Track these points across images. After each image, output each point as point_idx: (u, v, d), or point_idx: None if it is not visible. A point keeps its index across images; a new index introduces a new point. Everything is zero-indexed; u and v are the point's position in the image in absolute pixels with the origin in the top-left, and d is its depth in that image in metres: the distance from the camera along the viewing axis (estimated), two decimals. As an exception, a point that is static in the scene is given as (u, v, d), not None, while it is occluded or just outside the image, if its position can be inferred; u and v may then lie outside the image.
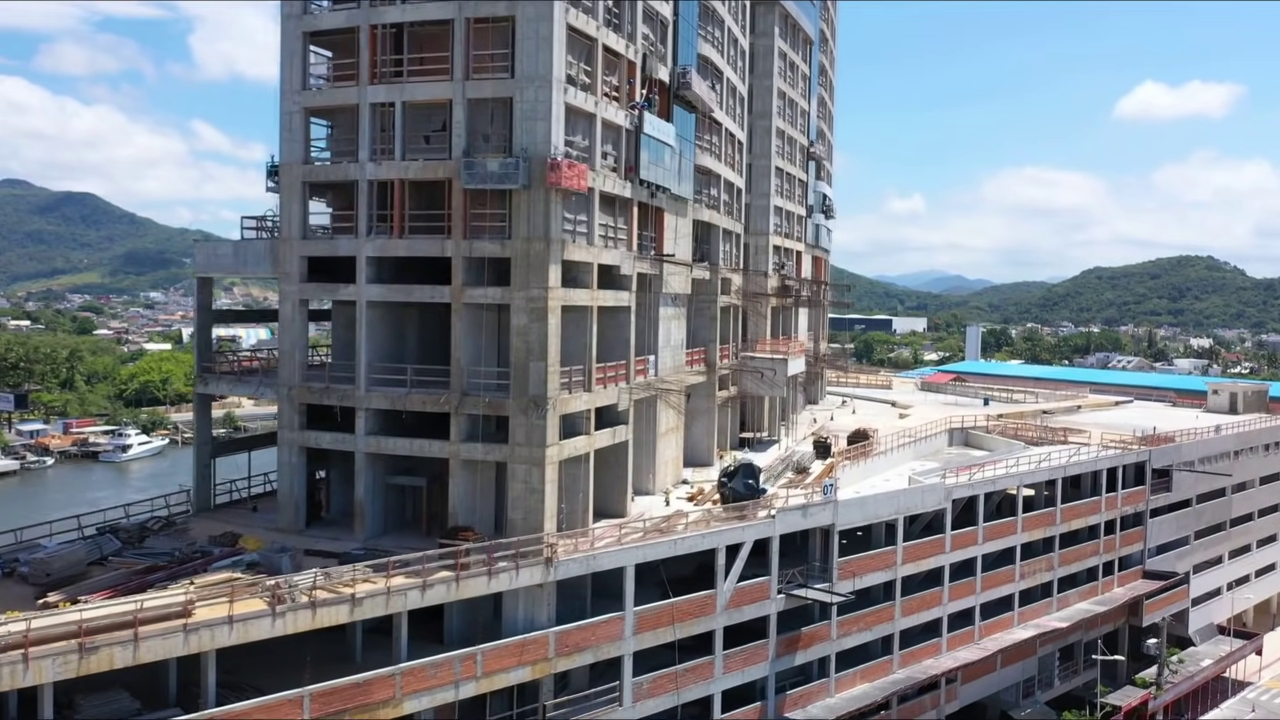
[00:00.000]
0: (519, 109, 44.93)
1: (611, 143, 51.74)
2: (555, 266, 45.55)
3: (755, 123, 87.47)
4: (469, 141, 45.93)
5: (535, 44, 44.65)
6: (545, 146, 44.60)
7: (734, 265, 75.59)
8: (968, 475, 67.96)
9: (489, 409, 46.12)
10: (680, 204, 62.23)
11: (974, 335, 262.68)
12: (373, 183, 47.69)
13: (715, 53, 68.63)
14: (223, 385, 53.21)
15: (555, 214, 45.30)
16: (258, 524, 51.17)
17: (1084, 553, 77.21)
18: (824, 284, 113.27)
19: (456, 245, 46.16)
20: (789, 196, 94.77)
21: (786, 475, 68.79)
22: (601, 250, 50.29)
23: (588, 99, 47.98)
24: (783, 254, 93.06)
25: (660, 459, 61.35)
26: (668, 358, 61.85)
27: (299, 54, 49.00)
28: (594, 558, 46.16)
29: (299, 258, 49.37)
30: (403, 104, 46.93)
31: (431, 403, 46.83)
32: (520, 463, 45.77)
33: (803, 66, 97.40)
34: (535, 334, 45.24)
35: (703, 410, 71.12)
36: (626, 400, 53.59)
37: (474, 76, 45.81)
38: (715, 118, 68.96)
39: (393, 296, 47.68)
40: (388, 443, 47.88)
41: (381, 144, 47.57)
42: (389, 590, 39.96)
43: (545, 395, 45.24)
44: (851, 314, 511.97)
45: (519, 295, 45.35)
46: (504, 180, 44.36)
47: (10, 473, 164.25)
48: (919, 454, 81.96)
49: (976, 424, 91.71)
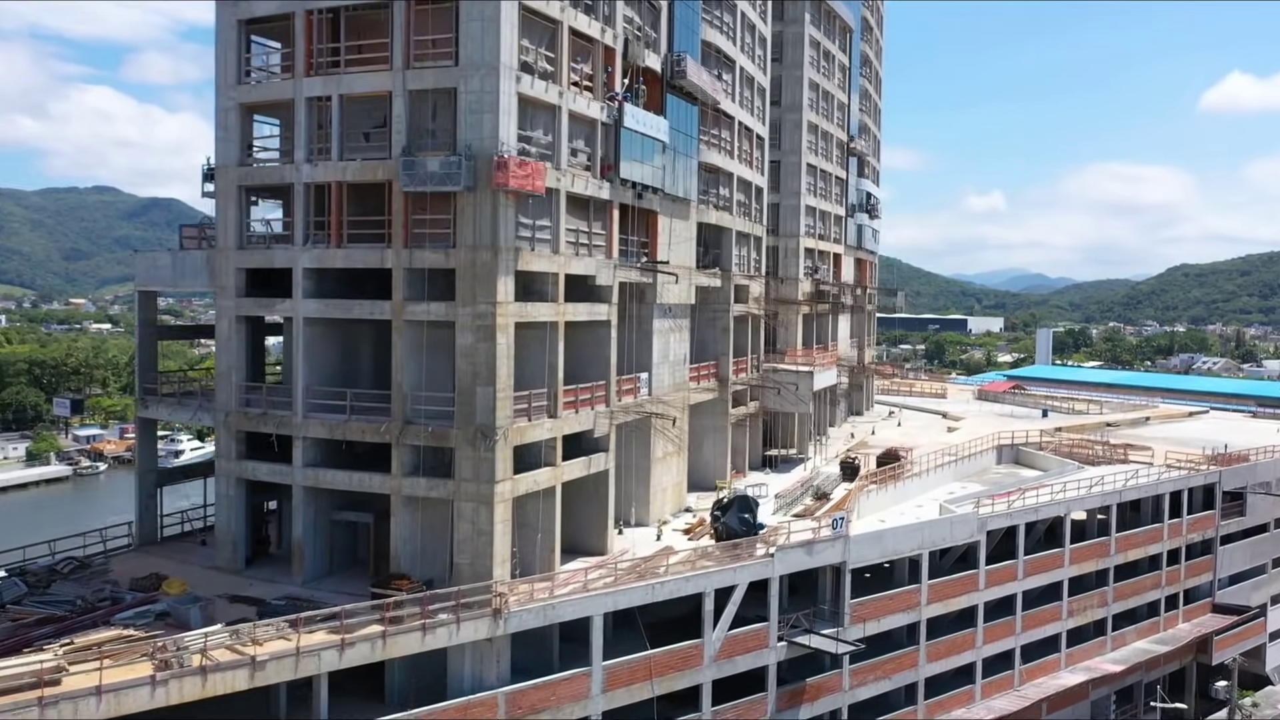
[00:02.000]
0: (463, 101, 39.72)
1: (583, 138, 46.29)
2: (506, 278, 40.24)
3: (784, 116, 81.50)
4: (410, 138, 40.85)
5: (481, 27, 39.38)
6: (492, 143, 39.31)
7: (750, 271, 69.58)
8: (1005, 503, 61.21)
9: (432, 439, 40.98)
10: (678, 205, 56.53)
11: (1044, 338, 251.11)
12: (309, 185, 42.88)
13: (725, 40, 62.76)
14: (162, 409, 48.81)
15: (505, 219, 39.99)
16: (198, 561, 46.71)
17: (1143, 585, 69.87)
18: (868, 288, 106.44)
19: (397, 255, 41.10)
20: (824, 195, 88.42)
21: (804, 502, 62.70)
22: (570, 259, 44.86)
23: (549, 89, 42.60)
24: (816, 257, 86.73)
25: (656, 486, 55.74)
26: (665, 374, 56.20)
27: (234, 44, 44.34)
28: (553, 607, 40.72)
29: (235, 269, 44.76)
30: (340, 97, 42.01)
31: (371, 432, 41.83)
32: (466, 500, 40.53)
33: (840, 57, 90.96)
34: (482, 355, 39.97)
35: (714, 429, 65.33)
36: (606, 425, 48.08)
37: (415, 65, 40.69)
38: (725, 110, 63.10)
39: (330, 312, 42.79)
40: (326, 475, 43.01)
41: (319, 143, 42.74)
42: (298, 651, 34.97)
43: (493, 424, 39.94)
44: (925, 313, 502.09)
45: (464, 311, 40.12)
46: (445, 181, 39.16)
47: (62, 478, 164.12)
48: (961, 475, 75.21)
49: (1029, 440, 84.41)
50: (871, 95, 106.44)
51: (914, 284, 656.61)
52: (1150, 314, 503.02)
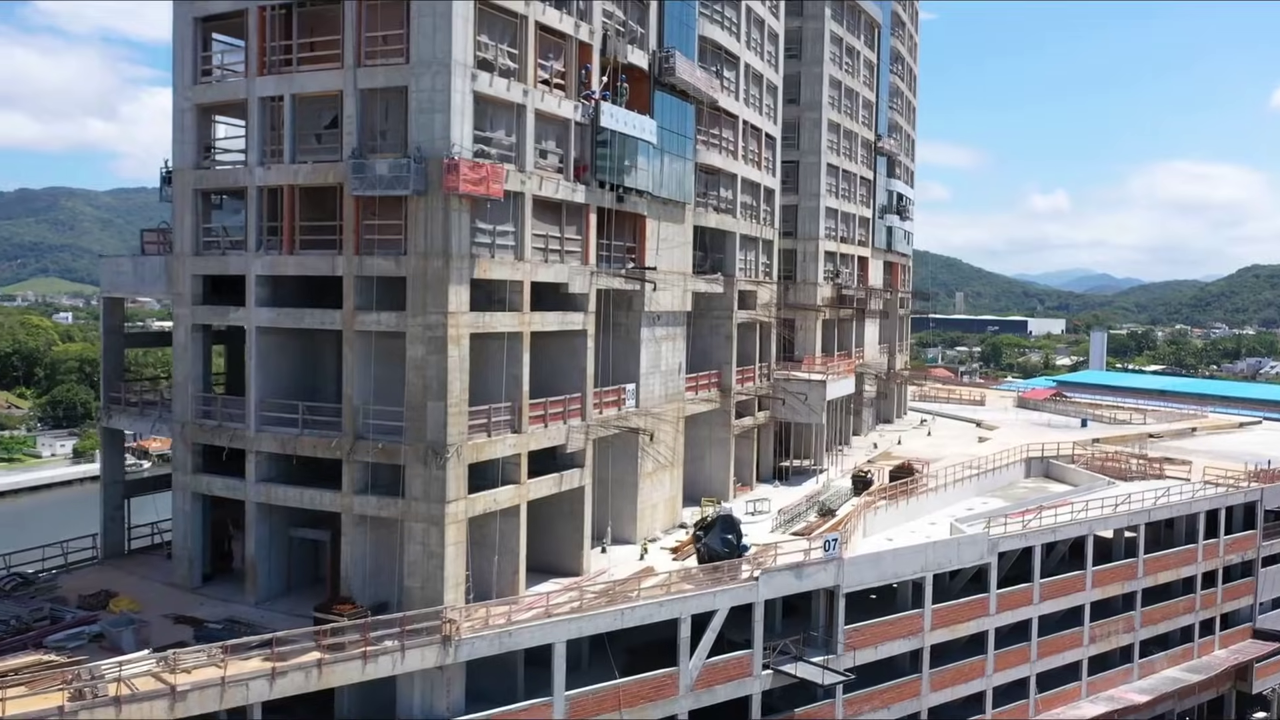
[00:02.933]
0: (414, 100, 37.67)
1: (554, 139, 44.06)
2: (460, 287, 38.12)
3: (802, 115, 78.71)
4: (361, 140, 38.90)
5: (432, 22, 37.30)
6: (443, 144, 37.21)
7: (756, 276, 66.87)
8: (1021, 522, 57.91)
9: (382, 456, 39.01)
10: (671, 208, 54.09)
11: (1098, 341, 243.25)
12: (263, 189, 41.14)
13: (727, 35, 60.17)
14: (124, 420, 47.44)
15: (458, 224, 37.87)
16: (158, 577, 45.25)
17: (1175, 610, 66.06)
18: (898, 292, 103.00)
19: (348, 262, 39.18)
20: (847, 196, 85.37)
21: (807, 518, 59.93)
22: (537, 266, 42.65)
23: (511, 87, 40.40)
24: (838, 260, 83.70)
25: (645, 502, 53.36)
26: (656, 385, 53.80)
27: (190, 42, 42.79)
28: (510, 634, 38.54)
29: (191, 276, 43.21)
30: (292, 97, 40.20)
31: (322, 447, 39.96)
32: (417, 521, 38.50)
33: (866, 53, 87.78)
34: (433, 368, 37.91)
35: (717, 441, 62.80)
36: (581, 439, 45.81)
37: (366, 63, 38.74)
38: (726, 109, 60.51)
39: (282, 321, 41.00)
40: (278, 491, 41.24)
41: (272, 144, 40.98)
42: (224, 681, 33.16)
43: (444, 441, 37.85)
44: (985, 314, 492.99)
45: (415, 322, 38.09)
46: (394, 185, 37.15)
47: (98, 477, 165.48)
48: (984, 489, 71.80)
49: (1059, 452, 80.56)
50: (904, 93, 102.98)
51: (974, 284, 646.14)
52: (1219, 316, 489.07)
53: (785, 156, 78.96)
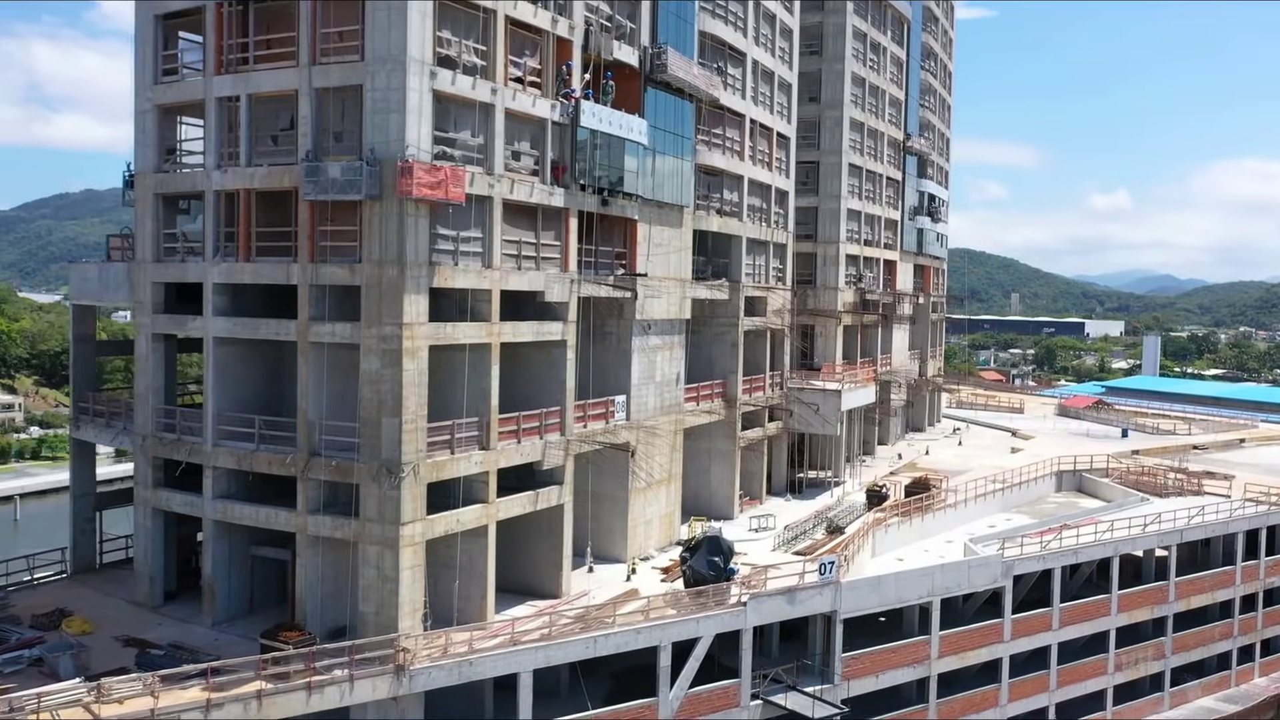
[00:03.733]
0: (368, 99, 35.67)
1: (529, 140, 41.86)
2: (417, 297, 36.07)
3: (823, 113, 75.91)
4: (316, 142, 36.97)
5: (387, 16, 35.27)
6: (398, 146, 35.18)
7: (766, 281, 64.19)
8: (1039, 543, 54.73)
9: (336, 474, 37.08)
10: (666, 211, 51.69)
11: (1152, 346, 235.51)
12: (220, 193, 39.42)
13: (731, 31, 57.63)
14: (91, 430, 46.03)
15: (414, 230, 35.80)
16: (122, 594, 43.75)
17: (1211, 635, 62.48)
18: (930, 295, 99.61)
19: (302, 270, 37.30)
20: (872, 198, 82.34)
21: (814, 536, 57.23)
22: (509, 273, 40.49)
23: (478, 85, 38.27)
24: (861, 264, 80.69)
25: (637, 518, 51.03)
26: (649, 396, 51.44)
27: (151, 40, 41.21)
28: (470, 663, 36.41)
29: (152, 284, 41.64)
30: (248, 97, 38.41)
31: (278, 463, 38.13)
32: (371, 543, 36.52)
33: (893, 49, 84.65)
34: (388, 382, 35.88)
35: (721, 453, 60.31)
36: (559, 455, 43.60)
37: (321, 61, 36.81)
38: (731, 108, 57.97)
39: (239, 332, 39.23)
40: (235, 509, 39.48)
41: (229, 147, 39.24)
42: (154, 713, 31.37)
43: (399, 460, 35.82)
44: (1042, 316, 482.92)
45: (369, 333, 36.10)
46: (347, 189, 35.18)
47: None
48: (1009, 505, 68.63)
49: (1094, 465, 76.93)
50: (937, 90, 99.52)
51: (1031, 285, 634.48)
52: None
53: (805, 156, 76.33)
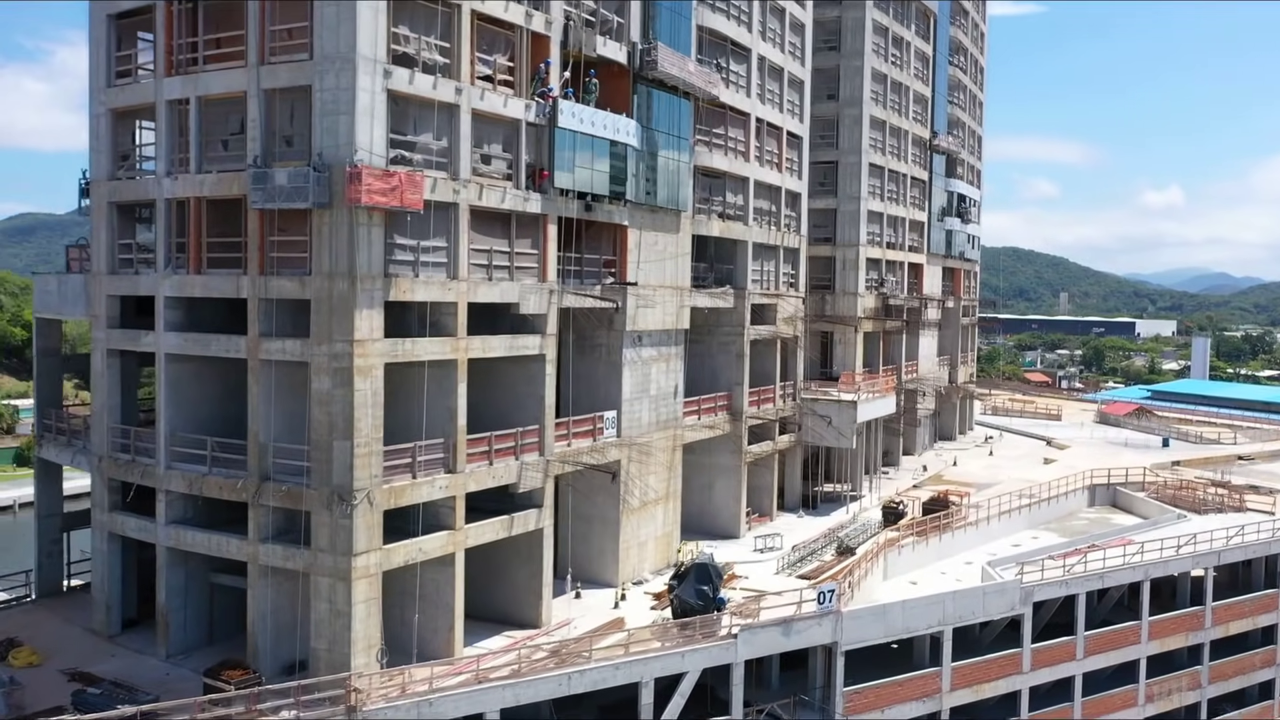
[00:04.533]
0: (318, 100, 33.36)
1: (501, 142, 39.36)
2: (370, 311, 33.68)
3: (841, 111, 72.82)
4: (265, 146, 34.74)
5: (336, 11, 32.94)
6: (348, 150, 32.82)
7: (775, 288, 61.22)
8: (1061, 567, 51.36)
9: (287, 500, 34.81)
10: (660, 216, 48.99)
11: (1201, 348, 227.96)
12: (171, 202, 37.33)
13: (734, 25, 54.80)
14: (53, 450, 44.15)
15: (366, 240, 33.42)
16: (81, 621, 41.84)
17: (1251, 663, 58.62)
18: (960, 299, 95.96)
19: (252, 283, 35.06)
20: (895, 199, 79.06)
21: (822, 557, 54.27)
22: (477, 285, 38.00)
23: (440, 85, 35.81)
24: (883, 268, 77.44)
25: (630, 540, 48.38)
26: (644, 412, 48.77)
27: (104, 41, 39.24)
28: (430, 703, 33.94)
29: (106, 297, 39.65)
30: (198, 99, 36.27)
31: (229, 488, 35.93)
32: (323, 575, 34.19)
33: (918, 44, 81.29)
34: (339, 403, 33.54)
35: (726, 469, 57.49)
36: (538, 477, 41.07)
37: (270, 61, 34.57)
38: (733, 106, 55.16)
39: (189, 348, 37.07)
40: (187, 535, 37.36)
41: (180, 152, 37.12)
42: (76, 761, 29.33)
43: (351, 486, 33.46)
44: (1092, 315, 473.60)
45: (319, 351, 33.77)
46: (294, 197, 32.88)
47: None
48: (1037, 521, 65.18)
49: (1129, 478, 73.07)
50: (967, 86, 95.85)
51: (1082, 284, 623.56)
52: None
53: (823, 157, 73.40)
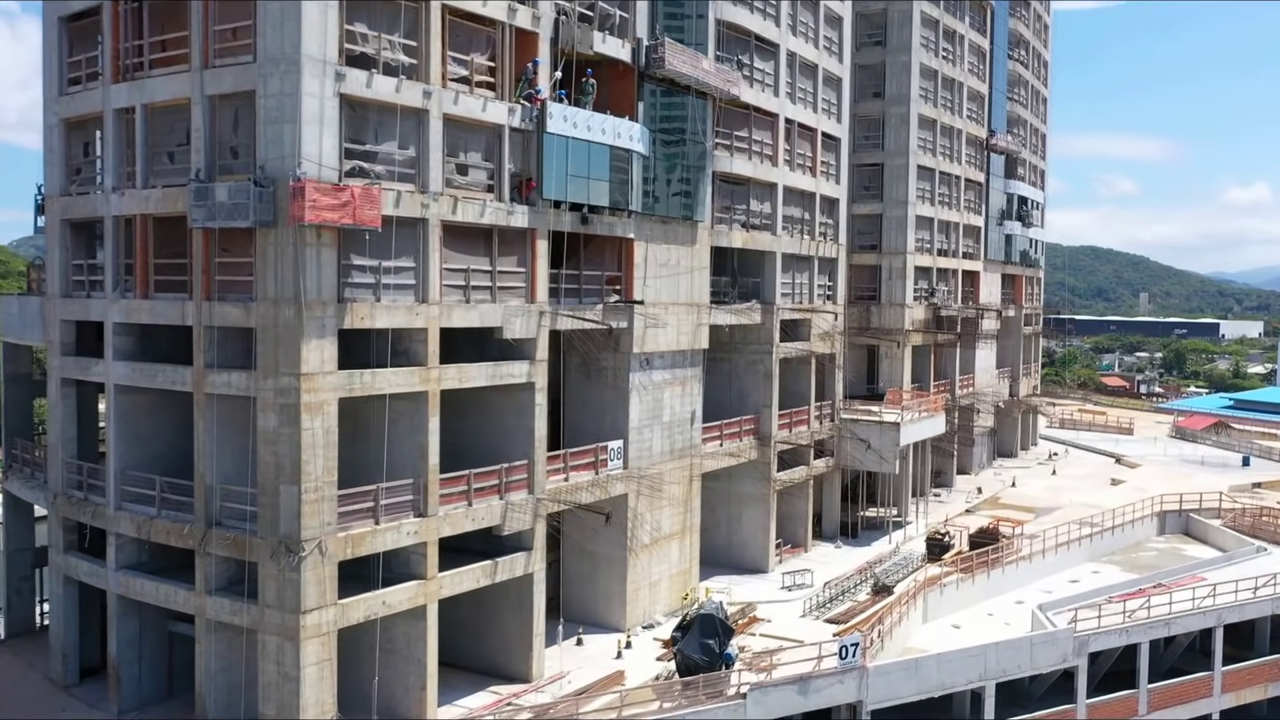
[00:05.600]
0: (261, 107, 30.02)
1: (480, 150, 35.70)
2: (320, 341, 30.22)
3: (887, 110, 68.22)
4: (210, 158, 31.52)
5: (280, 9, 29.57)
6: (292, 162, 29.41)
7: (808, 302, 56.81)
8: (1121, 611, 46.36)
9: (234, 549, 31.51)
10: (673, 228, 45.04)
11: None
12: (119, 219, 34.31)
13: (758, 19, 50.64)
14: (16, 483, 41.38)
15: (314, 262, 29.97)
16: (43, 666, 39.04)
17: (1341, 717, 52.80)
18: (1021, 307, 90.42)
19: (197, 309, 31.87)
20: (948, 202, 74.13)
21: (856, 597, 49.83)
22: (451, 308, 34.39)
23: (406, 88, 32.25)
24: (934, 276, 72.56)
25: (639, 580, 44.49)
26: (656, 440, 44.85)
27: (56, 46, 36.41)
28: (391, 775, 30.56)
29: (60, 321, 36.80)
30: (143, 107, 33.19)
31: (176, 533, 32.76)
32: (270, 633, 30.81)
33: (973, 37, 76.22)
34: (285, 442, 30.15)
35: (755, 498, 53.32)
36: (525, 518, 37.37)
37: (215, 64, 31.32)
38: (760, 107, 51.00)
39: (138, 379, 33.98)
40: (137, 583, 34.26)
41: (128, 165, 34.08)
42: None
43: (298, 535, 30.04)
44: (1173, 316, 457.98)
45: (265, 385, 30.42)
46: (235, 215, 29.59)
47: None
48: (1099, 553, 60.06)
49: (1203, 504, 67.32)
50: (1029, 81, 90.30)
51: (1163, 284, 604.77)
52: None
53: (869, 159, 68.89)
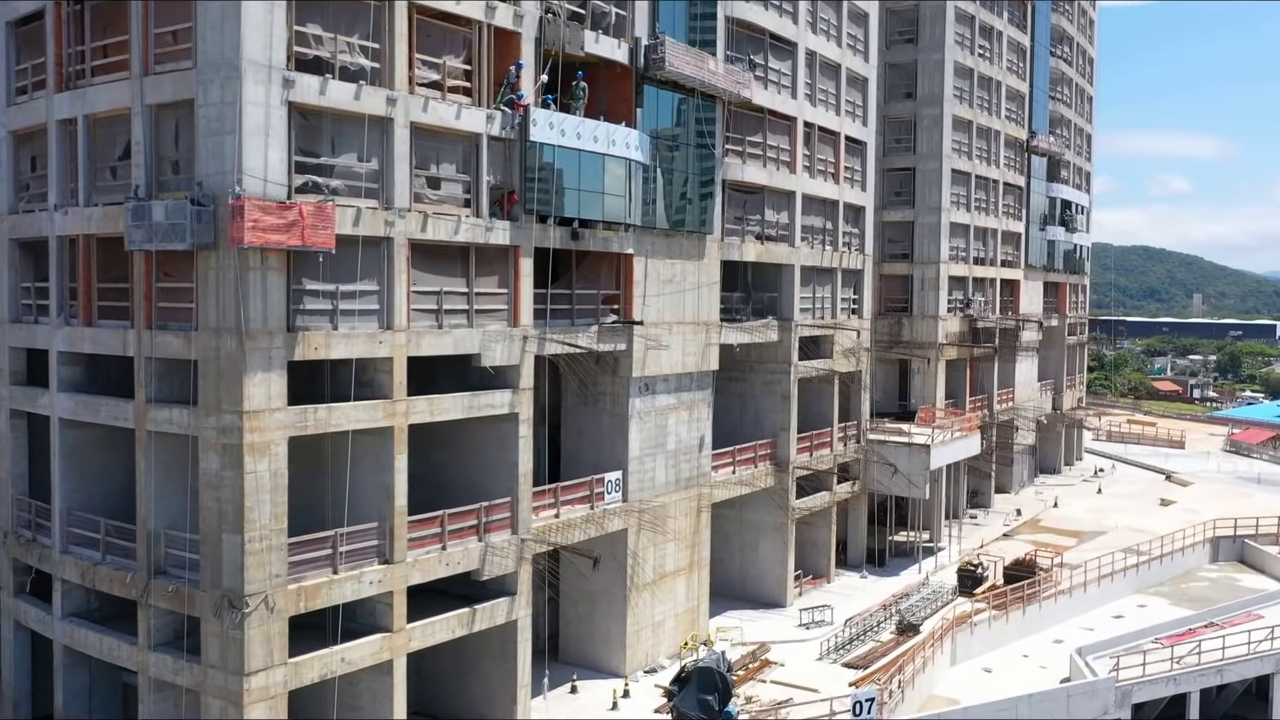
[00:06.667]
0: (201, 117, 27.25)
1: (455, 161, 32.73)
2: (267, 375, 27.37)
3: (919, 111, 64.66)
4: (151, 173, 28.83)
5: (220, 9, 26.77)
6: (235, 177, 26.60)
7: (834, 317, 53.33)
8: (1168, 656, 42.54)
9: (176, 601, 28.77)
10: (677, 241, 41.87)
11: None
12: (63, 240, 31.77)
13: (773, 16, 47.36)
14: (-27, 518, 39.12)
15: (259, 288, 27.13)
16: (3, 714, 36.66)
17: None
18: (1064, 316, 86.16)
19: (138, 339, 29.20)
20: (984, 208, 70.31)
21: (879, 637, 46.34)
22: (421, 335, 31.45)
23: (368, 94, 29.35)
24: (970, 286, 68.75)
25: (641, 622, 41.35)
26: (659, 470, 41.70)
27: (3, 54, 33.94)
28: None
29: (9, 349, 34.34)
30: (85, 118, 30.60)
31: (118, 582, 30.11)
32: (214, 696, 28.03)
33: (1012, 34, 72.35)
34: (228, 486, 27.35)
35: (772, 527, 50.01)
36: (508, 561, 34.35)
37: (155, 70, 28.64)
38: (776, 110, 47.69)
39: (81, 414, 31.38)
40: (81, 634, 31.67)
41: (71, 181, 31.52)
42: None
43: (241, 589, 27.23)
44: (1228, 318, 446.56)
45: (207, 423, 27.65)
46: (170, 237, 26.83)
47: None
48: (1146, 584, 56.16)
49: (1260, 528, 63.01)
50: (1073, 80, 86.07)
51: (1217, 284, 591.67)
52: None
53: (900, 163, 65.35)
